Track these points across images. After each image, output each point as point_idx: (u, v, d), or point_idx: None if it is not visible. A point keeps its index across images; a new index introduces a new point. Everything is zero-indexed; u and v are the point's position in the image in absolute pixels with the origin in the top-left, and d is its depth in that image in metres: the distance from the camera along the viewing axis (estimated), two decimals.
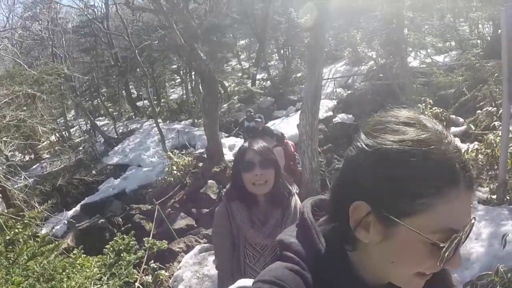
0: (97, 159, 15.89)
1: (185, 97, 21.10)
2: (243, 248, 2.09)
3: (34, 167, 14.43)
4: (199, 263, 5.78)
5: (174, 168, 10.47)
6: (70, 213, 11.30)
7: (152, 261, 5.80)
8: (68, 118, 20.56)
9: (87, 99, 22.02)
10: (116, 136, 18.03)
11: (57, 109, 17.13)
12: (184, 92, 21.40)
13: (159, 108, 20.08)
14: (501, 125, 4.92)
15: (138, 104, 23.04)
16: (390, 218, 0.69)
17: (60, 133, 18.21)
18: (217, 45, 17.48)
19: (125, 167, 14.10)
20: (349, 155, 0.77)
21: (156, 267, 5.78)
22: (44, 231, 5.67)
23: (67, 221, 10.40)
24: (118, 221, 9.58)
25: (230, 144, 12.83)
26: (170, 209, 9.30)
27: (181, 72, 21.50)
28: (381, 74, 13.53)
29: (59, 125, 17.92)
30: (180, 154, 11.35)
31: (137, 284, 4.97)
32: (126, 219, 9.64)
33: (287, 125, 12.04)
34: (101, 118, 22.75)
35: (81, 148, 16.90)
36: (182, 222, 8.42)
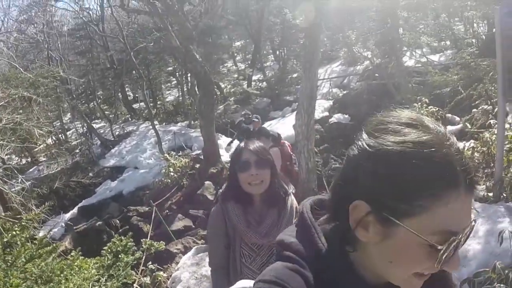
0: (94, 162, 15.83)
1: (181, 99, 21.06)
2: (239, 248, 2.09)
3: (31, 170, 14.35)
4: (197, 264, 5.77)
5: (171, 169, 10.45)
6: (68, 215, 11.24)
7: (150, 263, 5.82)
8: (64, 121, 20.47)
9: (83, 101, 21.96)
10: (113, 139, 17.96)
11: (53, 112, 17.12)
12: (180, 94, 21.36)
13: (155, 110, 20.06)
14: (497, 123, 4.93)
15: (134, 106, 23.05)
16: (389, 218, 0.69)
17: (56, 136, 18.13)
18: (213, 46, 17.47)
19: (122, 169, 14.05)
20: (350, 154, 0.76)
21: (154, 268, 5.79)
22: (42, 233, 5.65)
23: (64, 223, 10.35)
24: (116, 223, 9.53)
25: (227, 145, 12.78)
26: (167, 210, 9.31)
27: (177, 74, 21.49)
28: (376, 74, 13.55)
29: (56, 128, 17.87)
30: (176, 156, 11.31)
31: (135, 285, 4.98)
32: (123, 221, 9.59)
33: (283, 126, 12.05)
34: (97, 121, 22.64)
35: (77, 150, 16.81)
36: (179, 224, 8.40)
